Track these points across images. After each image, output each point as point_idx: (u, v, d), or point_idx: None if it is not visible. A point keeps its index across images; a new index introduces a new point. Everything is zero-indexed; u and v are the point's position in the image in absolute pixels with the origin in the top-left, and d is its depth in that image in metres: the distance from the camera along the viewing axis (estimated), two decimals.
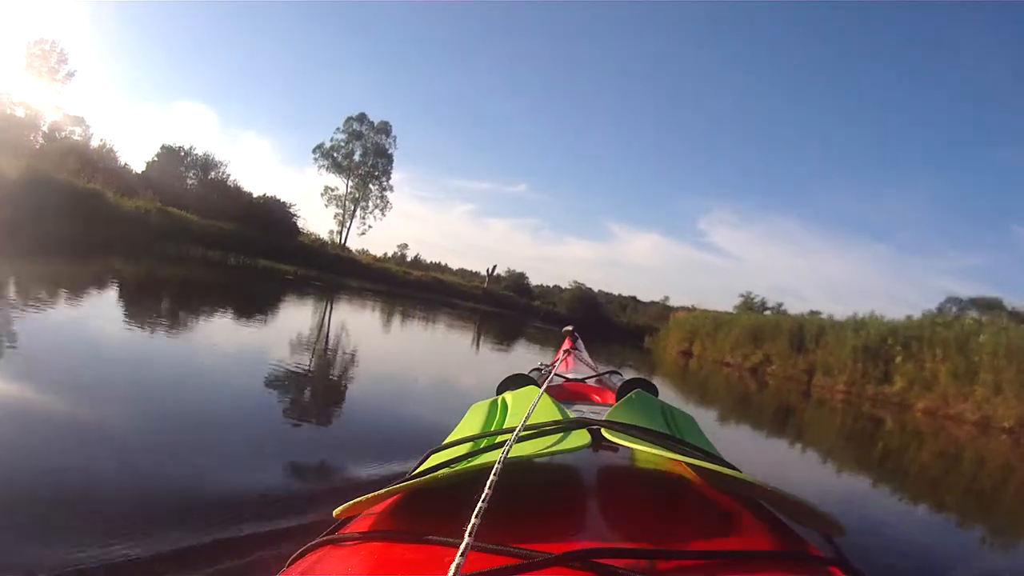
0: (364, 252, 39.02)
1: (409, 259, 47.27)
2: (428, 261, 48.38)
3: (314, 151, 37.33)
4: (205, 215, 23.64)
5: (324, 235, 37.58)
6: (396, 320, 12.52)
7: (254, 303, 9.68)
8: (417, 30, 58.61)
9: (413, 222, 60.62)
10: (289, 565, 0.61)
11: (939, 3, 48.98)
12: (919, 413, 11.38)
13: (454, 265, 47.91)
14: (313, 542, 0.61)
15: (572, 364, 2.16)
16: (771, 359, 16.95)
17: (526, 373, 1.25)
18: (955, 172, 52.64)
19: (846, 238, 58.29)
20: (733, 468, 0.67)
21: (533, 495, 0.65)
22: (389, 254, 45.99)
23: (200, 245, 19.05)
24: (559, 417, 0.81)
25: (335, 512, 0.63)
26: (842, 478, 4.91)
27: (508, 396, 1.01)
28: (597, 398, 1.45)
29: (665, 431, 0.83)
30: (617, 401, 1.01)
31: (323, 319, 9.27)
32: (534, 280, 46.37)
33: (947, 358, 11.60)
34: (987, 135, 49.83)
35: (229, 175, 30.51)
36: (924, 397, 11.43)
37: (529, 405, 0.82)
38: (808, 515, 0.61)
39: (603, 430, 0.74)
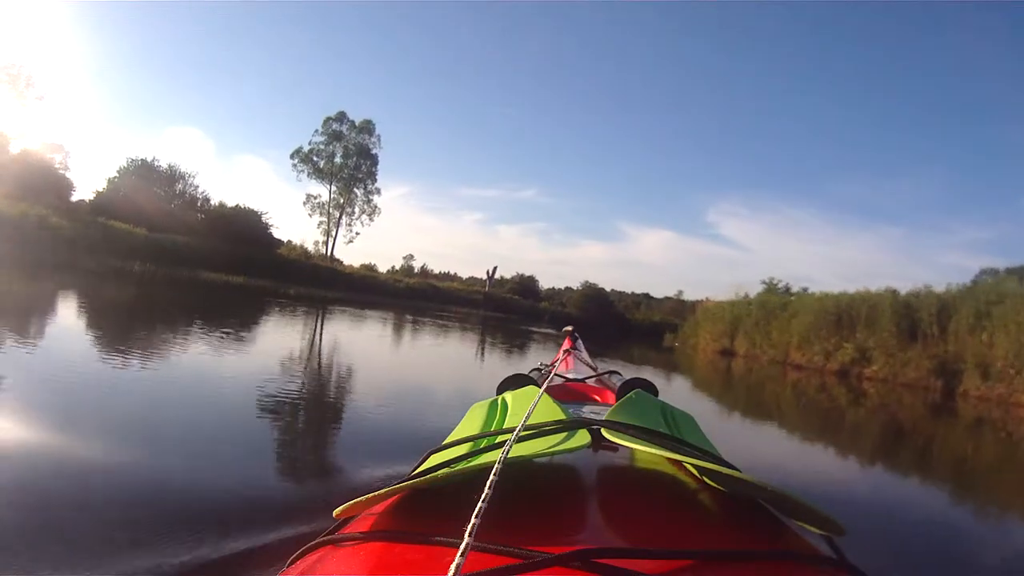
0: (371, 266, 36.52)
1: (416, 270, 44.45)
2: (437, 272, 45.90)
3: (292, 156, 32.01)
4: (165, 229, 21.96)
5: (311, 246, 35.25)
6: (317, 341, 7.78)
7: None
8: (416, 36, 59.31)
9: (423, 234, 60.13)
10: (289, 565, 0.60)
11: None
12: None
13: (464, 274, 45.96)
14: (313, 542, 0.60)
15: (572, 364, 2.04)
16: (869, 356, 10.44)
17: (526, 373, 1.20)
18: (963, 153, 52.58)
19: (857, 223, 58.07)
20: (733, 468, 0.65)
21: (533, 495, 0.63)
22: (397, 267, 43.22)
23: (139, 259, 17.05)
24: (559, 417, 0.78)
25: (335, 512, 0.61)
26: None
27: (508, 396, 0.97)
28: (597, 398, 1.37)
29: (665, 431, 0.81)
30: (617, 401, 0.97)
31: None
32: (545, 284, 44.16)
33: None
34: (993, 115, 49.97)
35: (197, 187, 28.36)
36: None
37: (529, 405, 0.79)
38: (808, 515, 0.60)
39: (603, 430, 0.72)
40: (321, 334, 8.74)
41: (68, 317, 6.34)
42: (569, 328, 2.58)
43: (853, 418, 7.30)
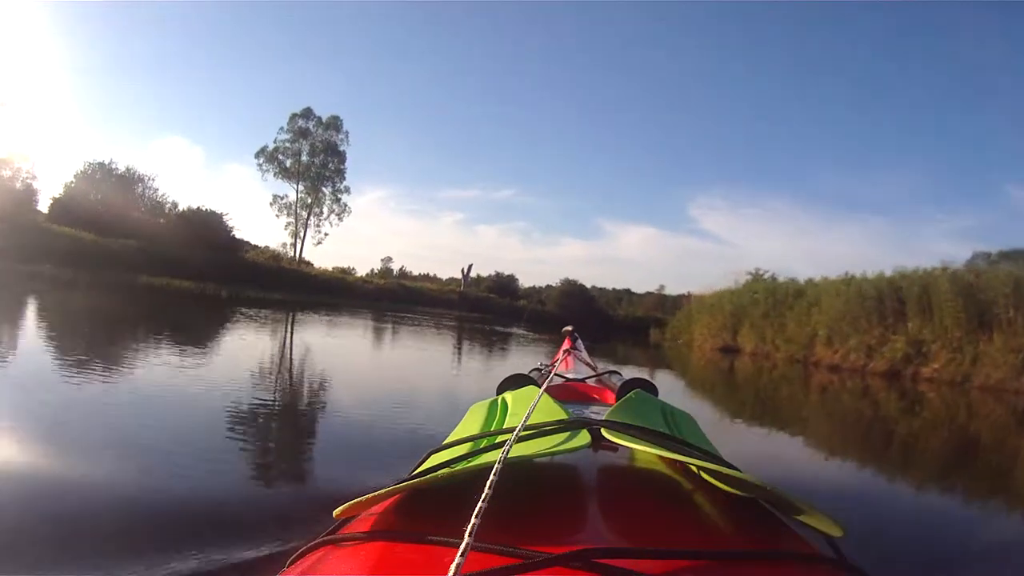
0: (349, 270, 34.74)
1: (395, 273, 42.72)
2: (416, 274, 44.57)
3: (257, 155, 29.61)
4: (120, 234, 20.48)
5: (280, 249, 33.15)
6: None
7: None
8: (390, 33, 55.03)
9: (402, 237, 58.18)
10: (289, 565, 0.59)
11: None
12: None
13: (443, 275, 44.43)
14: (313, 542, 0.59)
15: (572, 364, 2.02)
16: (926, 351, 7.98)
17: (526, 373, 1.17)
18: (943, 143, 50.63)
19: (840, 214, 56.79)
20: (733, 468, 0.65)
21: (533, 495, 0.63)
22: (376, 270, 41.60)
23: (85, 265, 16.00)
24: (559, 417, 0.77)
25: (335, 512, 0.60)
26: None
27: (508, 396, 0.95)
28: (597, 398, 1.33)
29: (665, 431, 0.79)
30: (617, 401, 0.95)
31: None
32: (526, 282, 42.54)
33: None
34: (972, 103, 47.95)
35: (157, 189, 27.11)
36: None
37: (529, 405, 0.78)
38: (808, 515, 0.60)
39: (603, 430, 0.71)
40: (211, 348, 6.16)
41: None
42: (569, 328, 2.53)
43: (907, 432, 5.34)
